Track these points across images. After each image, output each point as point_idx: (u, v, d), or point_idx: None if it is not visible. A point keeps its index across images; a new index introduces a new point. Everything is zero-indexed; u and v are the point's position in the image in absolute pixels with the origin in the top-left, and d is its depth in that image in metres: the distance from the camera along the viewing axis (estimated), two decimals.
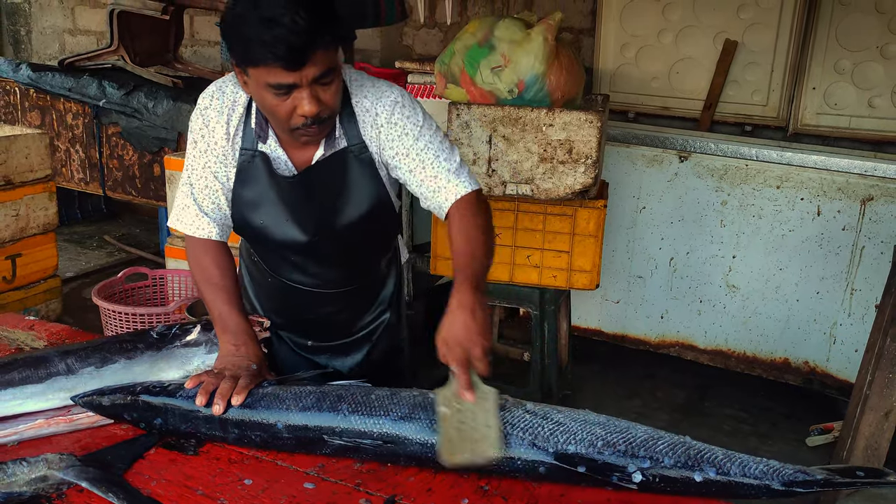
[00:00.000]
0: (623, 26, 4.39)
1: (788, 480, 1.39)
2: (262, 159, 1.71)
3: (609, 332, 4.14)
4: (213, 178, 1.74)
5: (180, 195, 1.78)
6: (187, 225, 1.77)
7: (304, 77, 1.50)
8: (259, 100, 1.60)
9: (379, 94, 1.71)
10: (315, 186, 1.73)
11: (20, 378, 1.58)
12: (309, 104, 1.53)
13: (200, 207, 1.75)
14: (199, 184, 1.75)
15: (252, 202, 1.75)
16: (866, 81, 3.96)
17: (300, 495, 1.41)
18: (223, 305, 1.70)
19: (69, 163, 5.44)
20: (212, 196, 1.76)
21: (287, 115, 1.56)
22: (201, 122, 1.72)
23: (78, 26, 6.60)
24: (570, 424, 1.47)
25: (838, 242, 3.60)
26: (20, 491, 1.34)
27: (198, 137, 1.73)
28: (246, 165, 1.73)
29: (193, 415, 1.54)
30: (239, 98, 1.71)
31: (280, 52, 1.45)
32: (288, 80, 1.49)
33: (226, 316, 1.68)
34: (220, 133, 1.71)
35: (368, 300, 2.02)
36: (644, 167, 3.89)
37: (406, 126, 1.70)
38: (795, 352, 3.78)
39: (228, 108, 1.70)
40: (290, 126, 1.59)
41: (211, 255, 1.75)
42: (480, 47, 2.96)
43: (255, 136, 1.71)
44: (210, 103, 1.72)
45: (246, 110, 1.71)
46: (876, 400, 2.35)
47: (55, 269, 4.10)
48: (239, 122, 1.71)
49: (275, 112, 1.57)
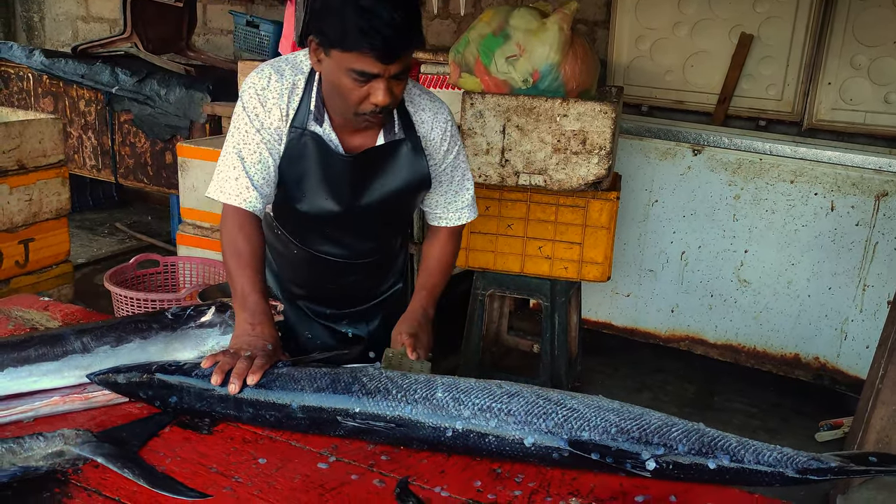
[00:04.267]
0: (638, 19, 4.38)
1: (802, 468, 1.38)
2: (312, 138, 1.79)
3: (619, 326, 4.13)
4: (267, 154, 1.78)
5: (226, 167, 1.78)
6: (232, 195, 1.77)
7: (388, 70, 1.61)
8: (334, 80, 1.67)
9: (436, 107, 1.92)
10: (369, 167, 1.86)
11: (36, 355, 1.59)
12: (384, 95, 1.64)
13: (252, 180, 1.77)
14: (252, 158, 1.77)
15: (298, 177, 1.82)
16: (882, 77, 3.93)
17: (314, 474, 1.41)
18: (246, 283, 1.71)
19: (81, 149, 5.46)
20: (264, 171, 1.79)
21: (359, 100, 1.66)
22: (257, 101, 1.77)
23: (91, 13, 6.62)
24: (583, 411, 1.47)
25: (851, 238, 3.58)
26: (36, 465, 1.34)
27: (252, 116, 1.77)
28: (294, 143, 1.80)
29: (209, 394, 1.55)
30: (298, 81, 1.79)
31: (376, 43, 1.56)
32: (373, 70, 1.60)
33: (247, 294, 1.69)
34: (276, 115, 1.78)
35: (386, 270, 2.18)
36: (657, 160, 3.88)
37: (450, 143, 1.94)
38: (806, 347, 3.77)
39: (288, 91, 1.78)
40: (357, 111, 1.69)
41: (246, 230, 1.76)
42: (495, 36, 2.95)
43: (311, 116, 1.79)
44: (268, 84, 1.77)
45: (303, 92, 1.79)
46: (888, 394, 2.34)
47: (67, 255, 4.11)
48: (296, 104, 1.79)
49: (347, 95, 1.66)
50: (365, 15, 1.55)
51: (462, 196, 2.02)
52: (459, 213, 2.03)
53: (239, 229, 1.78)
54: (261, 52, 4.91)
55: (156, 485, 1.34)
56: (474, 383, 1.53)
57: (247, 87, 1.79)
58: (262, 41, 4.90)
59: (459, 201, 2.02)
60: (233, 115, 1.83)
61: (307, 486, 1.37)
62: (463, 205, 2.03)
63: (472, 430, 1.46)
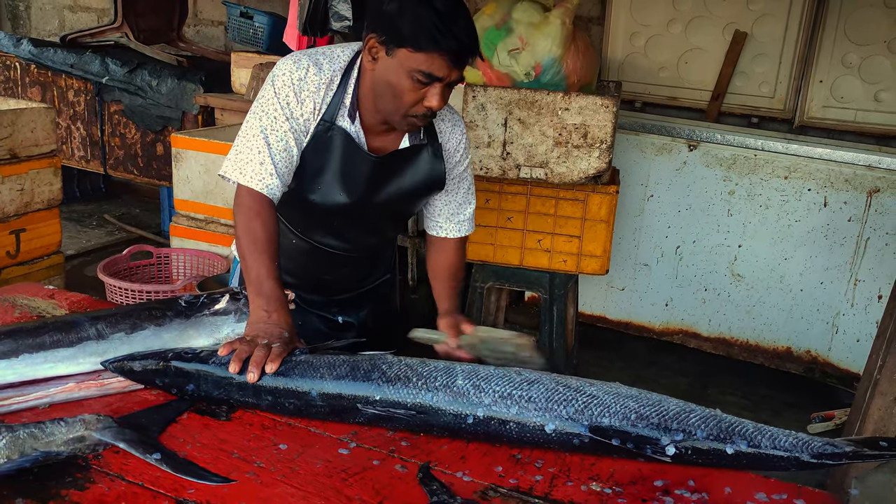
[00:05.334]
0: (633, 15, 4.40)
1: (817, 453, 1.40)
2: (339, 133, 1.80)
3: (614, 319, 4.17)
4: (293, 143, 1.78)
5: (248, 149, 1.75)
6: (255, 179, 1.74)
7: (451, 76, 1.66)
8: (392, 80, 1.68)
9: (455, 119, 1.98)
10: (391, 169, 1.88)
11: (51, 342, 1.57)
12: (438, 99, 1.68)
13: (276, 167, 1.75)
14: (279, 145, 1.76)
15: (317, 169, 1.82)
16: (873, 75, 3.99)
17: (336, 460, 1.41)
18: (263, 269, 1.69)
19: (70, 140, 5.41)
20: (288, 159, 1.78)
21: (413, 102, 1.69)
22: (291, 90, 1.75)
23: (78, 2, 6.55)
24: (603, 397, 1.48)
25: (844, 233, 3.63)
26: (57, 451, 1.33)
27: (283, 103, 1.75)
28: (321, 135, 1.79)
29: (226, 381, 1.54)
30: (335, 76, 1.78)
31: (452, 47, 1.61)
32: (440, 73, 1.64)
33: (263, 280, 1.68)
34: (308, 107, 1.77)
35: (378, 262, 2.22)
36: (653, 155, 3.91)
37: (463, 155, 2.00)
38: (798, 341, 3.82)
39: (325, 85, 1.77)
40: (409, 112, 1.71)
41: (263, 216, 1.74)
42: (498, 29, 2.97)
43: (343, 112, 1.79)
44: (305, 76, 1.75)
45: (338, 87, 1.79)
46: (886, 384, 2.37)
47: (59, 246, 4.07)
48: (329, 98, 1.78)
49: (403, 95, 1.68)
50: (443, 19, 1.60)
51: (465, 209, 2.07)
52: (460, 225, 2.07)
53: (257, 215, 1.75)
54: (255, 43, 4.89)
55: (179, 470, 1.33)
56: (493, 370, 1.54)
57: (280, 73, 1.76)
58: (256, 32, 4.87)
59: (462, 214, 2.07)
60: (259, 97, 1.79)
61: (330, 471, 1.38)
62: (464, 218, 2.08)
63: (494, 417, 1.46)
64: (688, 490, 1.38)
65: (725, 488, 1.40)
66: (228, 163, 1.78)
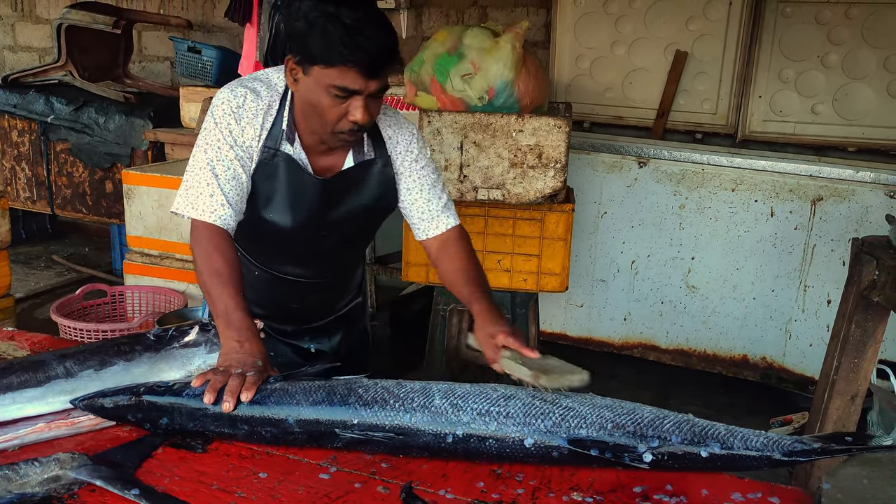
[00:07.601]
0: (577, 38, 4.52)
1: (788, 450, 1.45)
2: (283, 158, 1.80)
3: (574, 336, 4.22)
4: (241, 170, 1.77)
5: (197, 182, 1.75)
6: (207, 212, 1.74)
7: (369, 87, 1.65)
8: (312, 98, 1.68)
9: (399, 123, 1.94)
10: (340, 189, 1.87)
11: (18, 382, 1.54)
12: (362, 113, 1.67)
13: (227, 196, 1.75)
14: (227, 174, 1.76)
15: (267, 197, 1.82)
16: (809, 89, 4.16)
17: (317, 485, 1.41)
18: (229, 300, 1.68)
19: (14, 181, 5.28)
20: (238, 187, 1.78)
21: (337, 118, 1.69)
22: (232, 118, 1.76)
23: (19, 43, 6.43)
24: (579, 409, 1.51)
25: (791, 241, 3.76)
26: (32, 492, 1.30)
27: (225, 132, 1.76)
28: (266, 162, 1.80)
29: (201, 413, 1.52)
30: (273, 101, 1.79)
31: (361, 59, 1.60)
32: (355, 86, 1.63)
33: (231, 311, 1.67)
34: (250, 133, 1.77)
35: (347, 286, 2.21)
36: (605, 173, 3.99)
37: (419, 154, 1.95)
38: (753, 348, 3.92)
39: (263, 111, 1.78)
40: (334, 129, 1.71)
41: (222, 248, 1.74)
42: (450, 55, 3.02)
43: (283, 136, 1.79)
44: (243, 103, 1.77)
45: (276, 112, 1.79)
46: (843, 385, 2.46)
47: (8, 289, 3.96)
48: (269, 124, 1.79)
49: (325, 113, 1.68)
50: (350, 31, 1.58)
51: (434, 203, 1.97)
52: (437, 219, 1.97)
53: (215, 247, 1.75)
54: (203, 77, 4.86)
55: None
56: (470, 388, 1.55)
57: (219, 103, 1.77)
58: (204, 66, 4.85)
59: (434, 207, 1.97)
60: (202, 131, 1.80)
61: (312, 497, 1.37)
62: (437, 208, 1.97)
63: (473, 435, 1.48)
64: (666, 494, 1.41)
65: (702, 490, 1.43)
66: (179, 199, 1.78)
